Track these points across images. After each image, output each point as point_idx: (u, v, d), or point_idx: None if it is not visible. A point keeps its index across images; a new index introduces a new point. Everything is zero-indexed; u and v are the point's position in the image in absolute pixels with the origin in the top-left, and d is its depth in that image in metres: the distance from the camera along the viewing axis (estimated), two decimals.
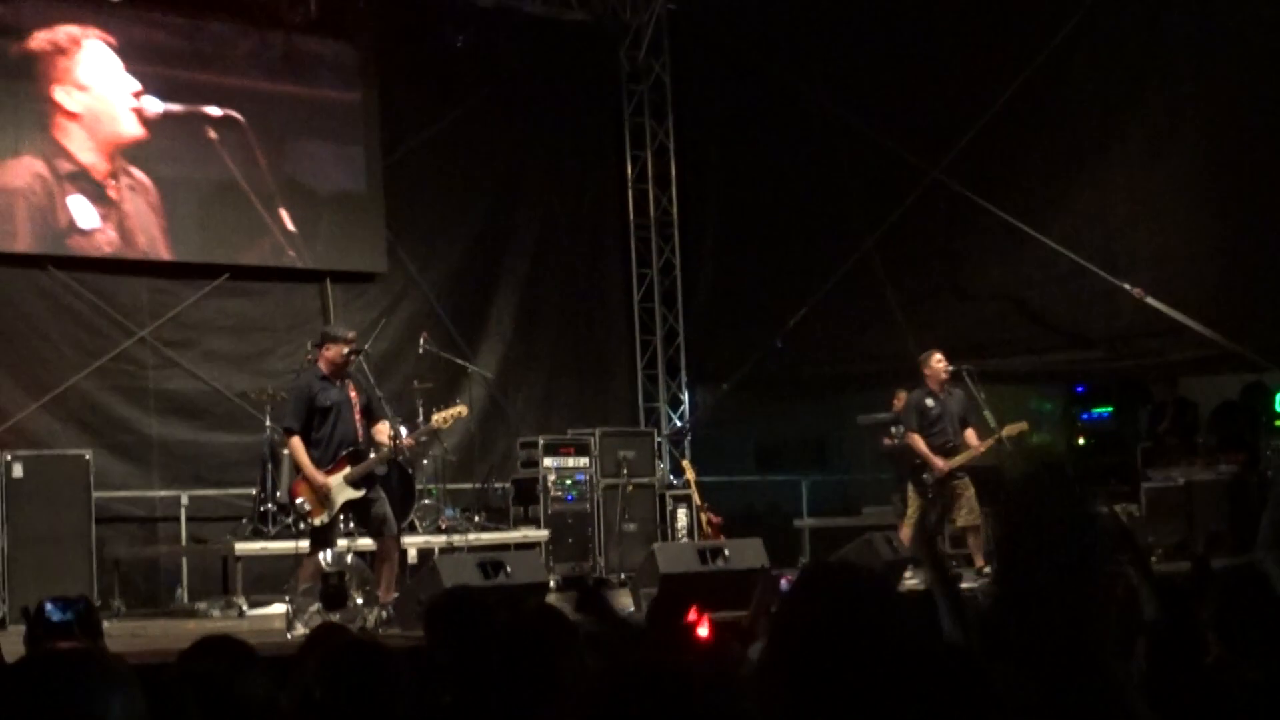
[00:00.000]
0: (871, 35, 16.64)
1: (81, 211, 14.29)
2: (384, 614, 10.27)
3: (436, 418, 11.45)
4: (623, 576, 14.89)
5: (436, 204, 16.79)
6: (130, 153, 14.62)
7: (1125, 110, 15.10)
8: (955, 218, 16.04)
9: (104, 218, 14.40)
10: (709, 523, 15.56)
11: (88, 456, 12.87)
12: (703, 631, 5.22)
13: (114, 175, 14.49)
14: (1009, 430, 13.35)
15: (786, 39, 17.16)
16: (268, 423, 13.87)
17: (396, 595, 10.60)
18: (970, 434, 13.46)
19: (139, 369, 14.64)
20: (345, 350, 10.81)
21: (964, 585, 11.04)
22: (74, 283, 14.32)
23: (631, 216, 18.56)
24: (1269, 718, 3.60)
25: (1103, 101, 15.23)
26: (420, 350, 15.06)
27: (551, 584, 11.98)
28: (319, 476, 10.52)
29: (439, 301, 16.49)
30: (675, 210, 18.65)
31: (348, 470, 10.59)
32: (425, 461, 14.50)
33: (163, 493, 14.41)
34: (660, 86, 18.63)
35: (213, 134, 15.01)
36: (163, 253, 14.77)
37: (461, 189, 16.94)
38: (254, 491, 13.83)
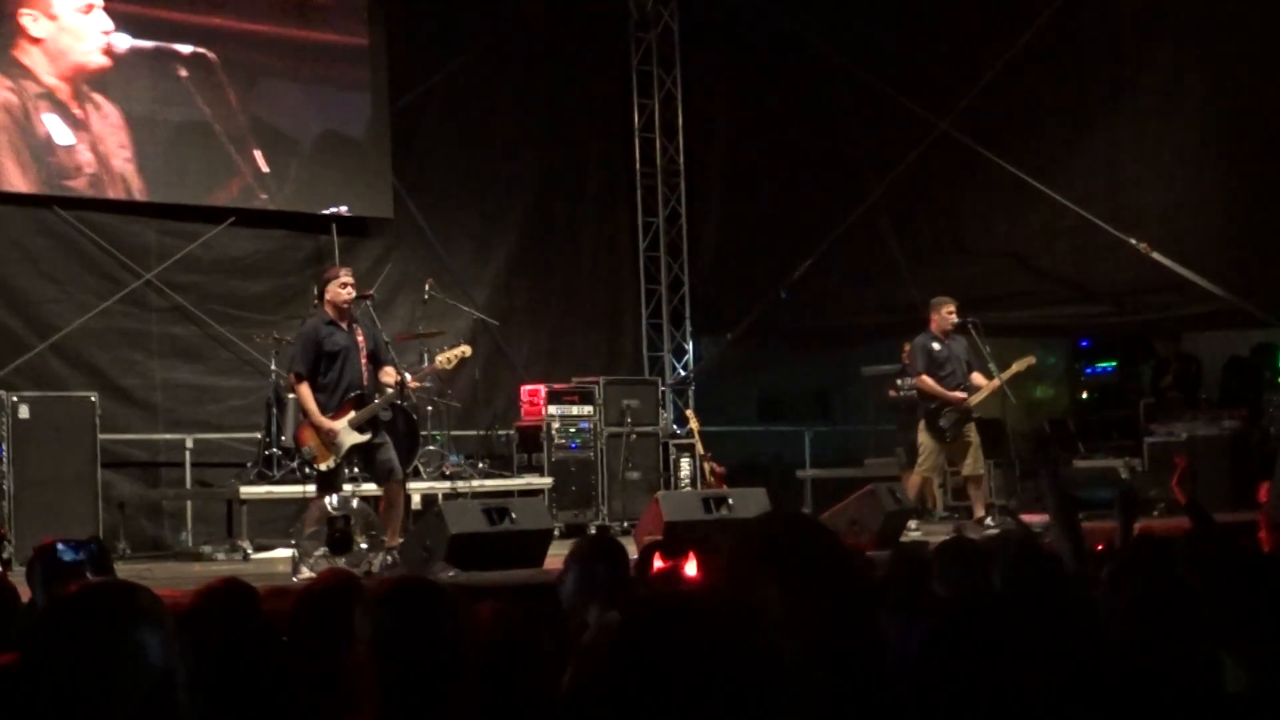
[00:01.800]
0: None
1: (56, 129, 14.15)
2: (389, 558, 10.31)
3: (440, 358, 11.45)
4: (625, 524, 14.95)
5: (443, 150, 16.75)
6: (95, 81, 14.42)
7: (1134, 64, 15.08)
8: (962, 170, 16.04)
9: (78, 138, 14.26)
10: (712, 472, 15.61)
11: (94, 399, 12.88)
12: (690, 570, 5.25)
13: (78, 98, 14.29)
14: (1016, 365, 13.36)
15: None
16: (273, 367, 13.89)
17: (401, 540, 10.64)
18: (977, 376, 13.45)
19: (145, 311, 14.64)
20: (343, 287, 10.77)
21: (967, 535, 11.10)
22: (80, 223, 14.31)
23: (638, 165, 18.53)
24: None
25: (1112, 55, 15.21)
26: (426, 297, 15.08)
27: (555, 531, 12.00)
28: (325, 421, 10.53)
29: (445, 248, 16.48)
30: (682, 159, 18.63)
31: (353, 414, 10.60)
32: (430, 408, 14.52)
33: (168, 436, 14.44)
34: (668, 34, 18.57)
35: (183, 71, 14.82)
36: (133, 181, 14.58)
37: (468, 136, 16.90)
38: (259, 436, 13.86)
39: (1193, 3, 14.67)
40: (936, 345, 13.56)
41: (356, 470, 11.31)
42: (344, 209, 15.71)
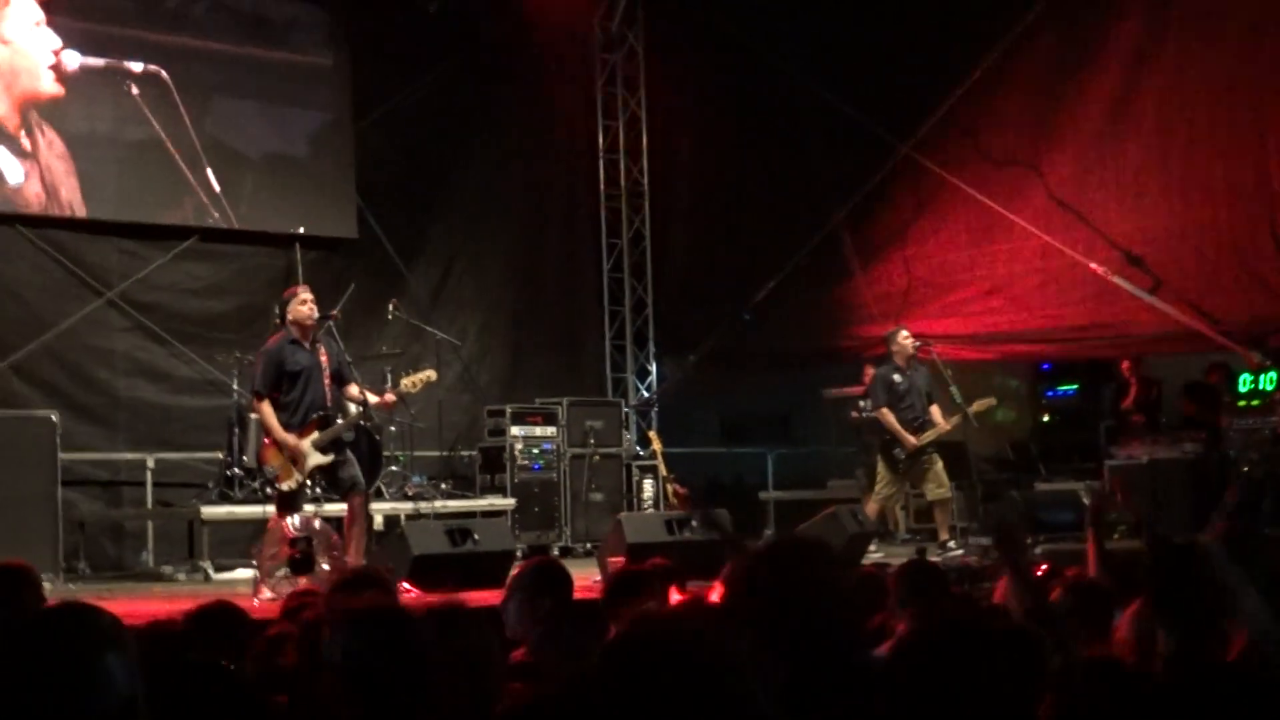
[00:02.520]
0: (844, 8, 16.62)
1: (8, 165, 14.11)
2: None
3: (405, 381, 11.43)
4: (588, 546, 14.93)
5: (407, 170, 16.75)
6: (44, 109, 14.34)
7: (1095, 87, 15.14)
8: (924, 193, 16.08)
9: (26, 169, 14.17)
10: (675, 493, 15.60)
11: (54, 418, 12.80)
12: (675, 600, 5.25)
13: (26, 127, 14.22)
14: (977, 406, 13.44)
15: (760, 11, 17.13)
16: (235, 386, 13.84)
17: (364, 562, 10.60)
18: (935, 411, 13.56)
19: (108, 330, 14.58)
20: (303, 305, 10.76)
21: (931, 558, 11.14)
22: (42, 242, 14.24)
23: (602, 186, 18.57)
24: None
25: (1074, 78, 15.28)
26: (390, 317, 15.05)
27: (518, 553, 11.99)
28: (289, 440, 10.50)
29: (409, 268, 16.46)
30: (646, 181, 18.67)
31: (316, 434, 10.58)
32: (393, 428, 14.49)
33: (129, 455, 14.36)
34: (633, 56, 18.62)
35: (135, 89, 14.75)
36: (79, 208, 14.47)
37: (432, 156, 16.90)
38: (221, 455, 13.80)
39: (1153, 26, 14.75)
40: (897, 377, 13.65)
41: (319, 490, 11.27)
42: (301, 229, 15.67)
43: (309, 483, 10.77)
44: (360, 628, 3.38)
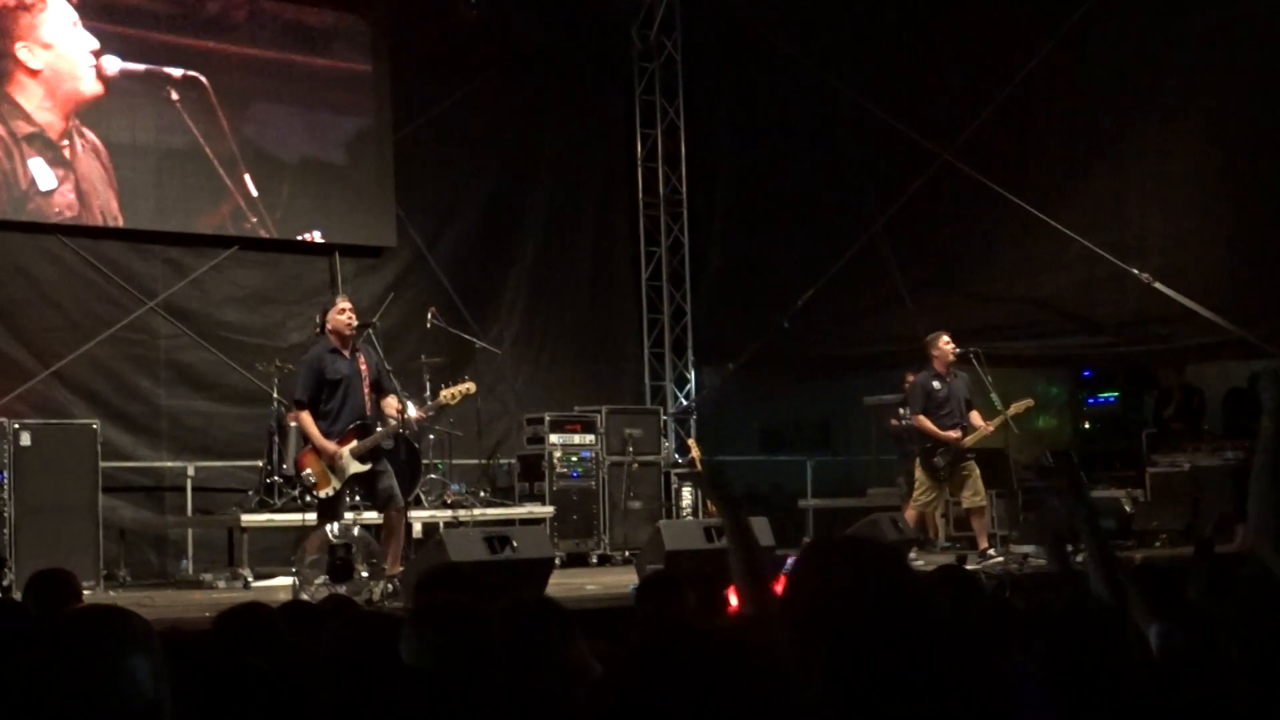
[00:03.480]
0: (884, 15, 16.60)
1: (41, 174, 14.16)
2: (389, 587, 10.29)
3: (445, 393, 11.45)
4: (627, 553, 14.92)
5: (447, 179, 16.79)
6: (85, 113, 14.44)
7: (1139, 95, 15.07)
8: (965, 201, 16.02)
9: (61, 179, 14.26)
10: (696, 457, 15.60)
11: (95, 426, 12.87)
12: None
13: (68, 135, 14.33)
14: (1015, 407, 13.38)
15: (798, 18, 17.11)
16: (275, 395, 13.89)
17: (402, 569, 10.61)
18: (975, 416, 13.50)
19: (150, 339, 14.66)
20: (342, 314, 10.80)
21: (968, 567, 11.09)
22: (86, 252, 14.33)
23: (641, 195, 18.56)
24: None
25: (1117, 86, 15.20)
26: (429, 325, 15.08)
27: (557, 560, 11.97)
28: (330, 447, 10.53)
29: (448, 277, 16.49)
30: (684, 189, 18.65)
31: (355, 444, 10.61)
32: (431, 436, 14.51)
33: (170, 463, 14.43)
34: (671, 64, 18.61)
35: (174, 95, 14.84)
36: (116, 216, 14.55)
37: (471, 165, 16.95)
38: (260, 464, 13.85)
39: (1198, 35, 14.67)
40: (937, 384, 13.59)
41: (358, 499, 11.29)
42: (343, 239, 15.75)
43: (347, 491, 10.80)
44: (436, 625, 3.38)
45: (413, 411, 11.09)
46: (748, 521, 3.87)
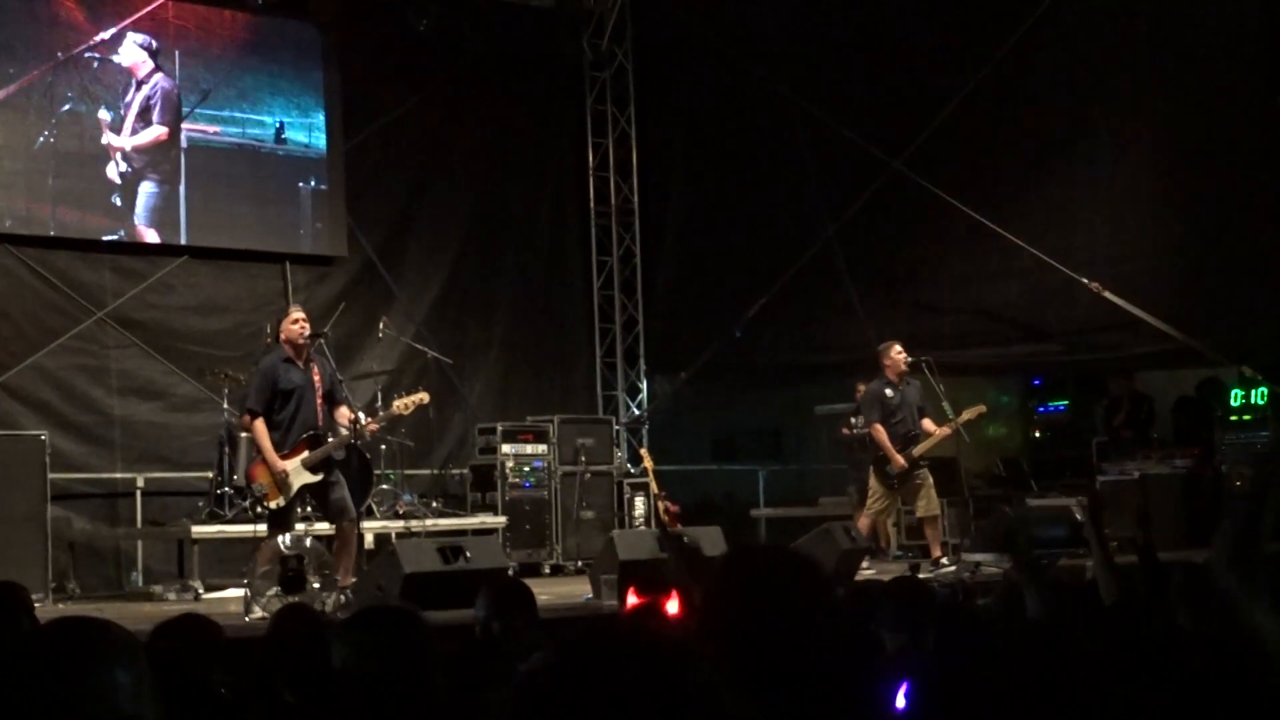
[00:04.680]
0: (834, 24, 16.66)
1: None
2: (343, 598, 10.24)
3: (398, 404, 11.41)
4: (580, 563, 14.90)
5: (397, 188, 16.75)
6: None
7: (1089, 105, 15.17)
8: (916, 209, 16.07)
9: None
10: (666, 511, 15.57)
11: (44, 437, 12.76)
12: (672, 607, 5.21)
13: None
14: (967, 414, 13.42)
15: (750, 28, 17.16)
16: (225, 405, 13.80)
17: (355, 580, 10.57)
18: (928, 423, 13.55)
19: (100, 349, 14.54)
20: (298, 325, 10.75)
21: (921, 575, 11.13)
22: (33, 261, 14.21)
23: (592, 204, 18.55)
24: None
25: (1067, 96, 15.30)
26: (380, 335, 15.03)
27: (510, 570, 11.93)
28: (277, 461, 10.48)
29: (399, 286, 16.44)
30: (636, 198, 18.65)
31: (306, 454, 10.55)
32: (383, 446, 14.45)
33: (120, 475, 14.32)
34: (622, 74, 18.62)
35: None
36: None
37: (422, 174, 16.91)
38: (211, 474, 13.75)
39: (1147, 45, 14.77)
40: (890, 392, 13.63)
41: (310, 509, 11.24)
42: (294, 248, 15.70)
43: (299, 501, 10.75)
44: (365, 630, 3.36)
45: (364, 422, 11.01)
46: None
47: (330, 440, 10.71)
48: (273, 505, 10.65)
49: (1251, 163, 14.24)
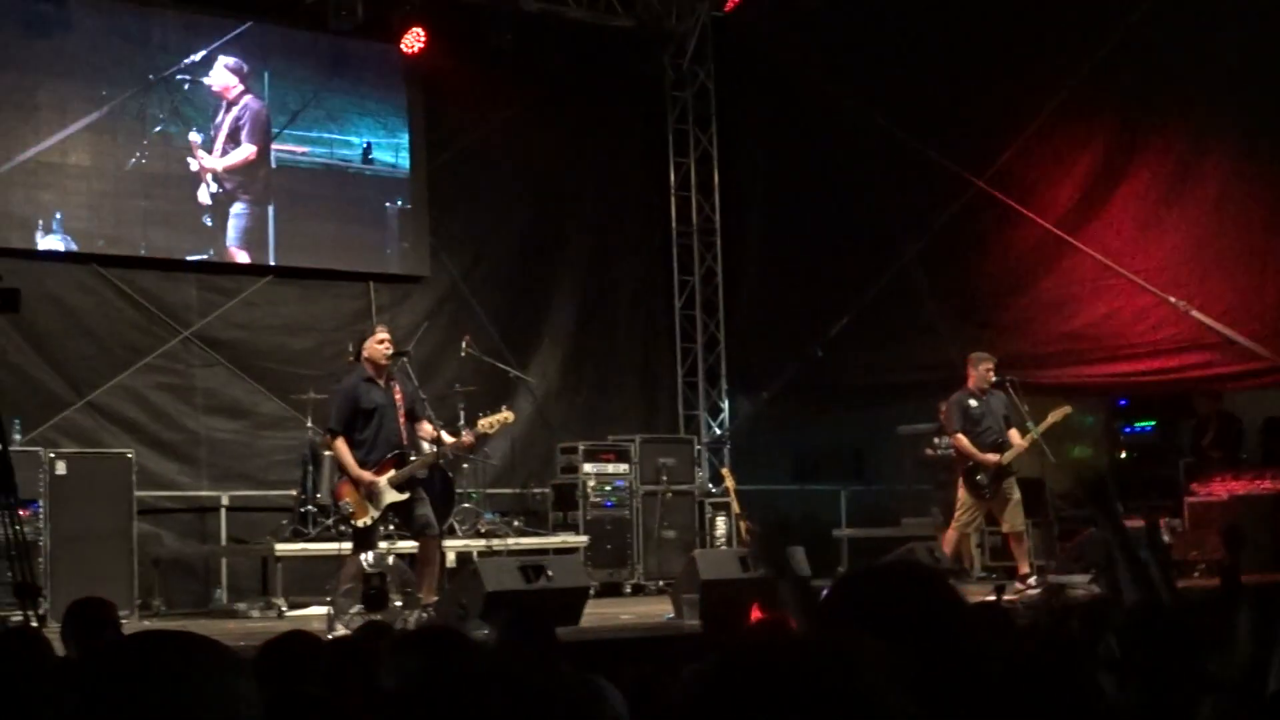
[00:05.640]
0: (915, 43, 16.58)
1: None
2: (425, 615, 10.26)
3: (483, 422, 11.42)
4: (661, 583, 14.88)
5: (480, 208, 16.83)
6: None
7: (1171, 119, 15.00)
8: (998, 228, 15.97)
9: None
10: (748, 531, 15.52)
11: (130, 455, 12.92)
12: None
13: None
14: (1052, 416, 13.26)
15: (830, 47, 17.12)
16: (309, 424, 13.90)
17: (437, 598, 10.60)
18: (1014, 434, 13.35)
19: (186, 367, 14.71)
20: (380, 344, 10.81)
21: (1006, 597, 11.01)
22: (121, 282, 14.38)
23: (674, 224, 18.55)
24: None
25: (1149, 111, 15.14)
26: (463, 354, 15.10)
27: (591, 589, 11.93)
28: (365, 475, 10.53)
29: (482, 306, 16.51)
30: (718, 218, 18.65)
31: (392, 473, 10.60)
32: (465, 465, 14.50)
33: (205, 492, 14.46)
34: (704, 94, 18.63)
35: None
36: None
37: (505, 194, 16.98)
38: (294, 492, 13.85)
39: (1229, 58, 14.60)
40: (973, 402, 13.48)
41: (392, 528, 11.29)
42: (378, 268, 15.84)
43: (382, 520, 10.80)
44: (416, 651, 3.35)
45: (449, 440, 11.05)
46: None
47: (415, 459, 10.75)
48: (359, 523, 10.70)
49: None
